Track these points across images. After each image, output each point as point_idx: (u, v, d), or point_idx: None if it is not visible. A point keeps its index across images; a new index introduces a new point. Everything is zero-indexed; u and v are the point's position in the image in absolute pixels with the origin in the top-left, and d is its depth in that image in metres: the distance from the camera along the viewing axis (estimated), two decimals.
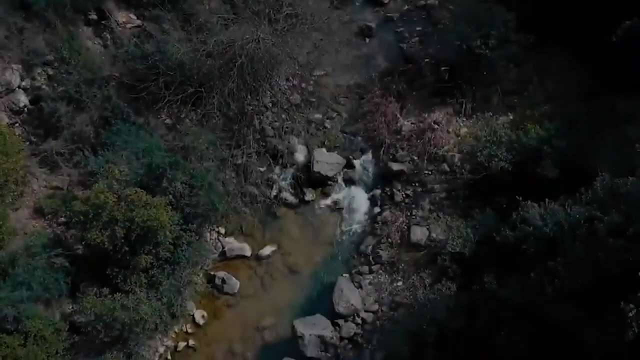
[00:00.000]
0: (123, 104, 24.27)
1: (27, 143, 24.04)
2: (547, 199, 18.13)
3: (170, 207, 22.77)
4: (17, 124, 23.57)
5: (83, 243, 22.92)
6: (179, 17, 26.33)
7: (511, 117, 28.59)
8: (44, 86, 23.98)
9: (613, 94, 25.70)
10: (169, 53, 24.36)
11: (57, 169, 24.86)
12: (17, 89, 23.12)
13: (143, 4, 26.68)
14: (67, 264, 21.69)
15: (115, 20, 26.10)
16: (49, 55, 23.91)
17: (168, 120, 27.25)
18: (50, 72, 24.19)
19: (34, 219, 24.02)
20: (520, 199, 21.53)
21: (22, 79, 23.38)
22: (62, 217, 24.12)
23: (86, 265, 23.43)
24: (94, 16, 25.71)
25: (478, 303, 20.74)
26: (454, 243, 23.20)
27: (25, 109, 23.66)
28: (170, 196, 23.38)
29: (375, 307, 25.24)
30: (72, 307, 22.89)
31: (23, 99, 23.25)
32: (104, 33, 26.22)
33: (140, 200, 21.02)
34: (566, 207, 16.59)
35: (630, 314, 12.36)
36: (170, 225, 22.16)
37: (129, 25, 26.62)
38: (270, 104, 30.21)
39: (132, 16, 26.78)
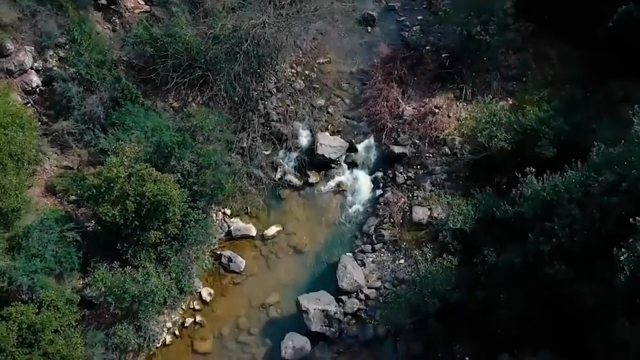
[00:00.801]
0: (132, 85, 24.86)
1: (39, 123, 24.63)
2: (545, 174, 18.69)
3: (179, 185, 23.40)
4: (29, 104, 24.17)
5: (94, 220, 23.58)
6: (186, 1, 26.95)
7: (510, 102, 29.22)
8: (55, 68, 24.64)
9: (610, 78, 26.29)
10: (176, 35, 24.96)
11: (67, 149, 25.49)
12: (29, 69, 23.77)
13: None
14: (78, 238, 22.24)
15: (124, 6, 26.78)
16: (60, 37, 24.56)
17: (175, 104, 27.90)
18: (62, 54, 24.85)
19: (45, 197, 24.63)
20: (520, 175, 22.10)
21: (34, 60, 24.05)
22: (72, 195, 24.74)
23: (96, 241, 24.03)
24: (103, 1, 26.42)
25: (479, 275, 21.33)
26: (455, 220, 23.75)
27: (38, 89, 24.29)
28: (179, 175, 24.00)
29: (378, 284, 25.84)
30: (83, 282, 23.50)
31: (35, 80, 23.89)
32: (113, 18, 26.90)
33: (151, 176, 21.63)
34: (563, 174, 17.20)
35: (622, 258, 12.99)
36: (179, 202, 22.74)
37: (137, 11, 27.32)
38: (275, 90, 30.90)
39: (141, 1, 27.54)
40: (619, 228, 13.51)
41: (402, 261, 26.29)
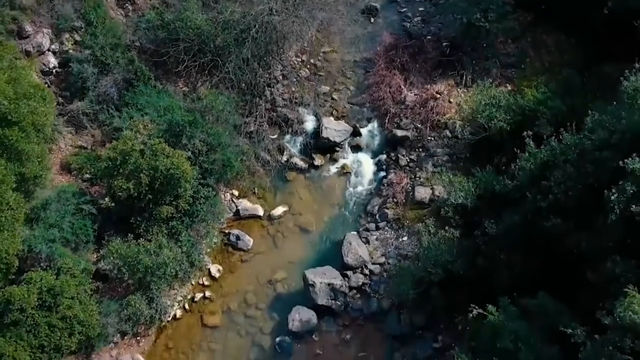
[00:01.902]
0: (145, 67, 25.82)
1: (55, 104, 25.52)
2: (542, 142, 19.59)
3: (189, 162, 24.28)
4: (46, 85, 25.07)
5: (108, 196, 24.46)
6: None
7: (509, 87, 30.12)
8: (71, 51, 25.62)
9: (605, 61, 27.23)
10: (188, 20, 25.97)
11: (81, 129, 26.43)
12: (47, 51, 24.74)
13: None
14: (94, 210, 23.08)
15: None
16: (76, 22, 25.54)
17: (185, 88, 28.85)
18: (77, 37, 25.85)
19: (60, 175, 25.54)
20: (518, 151, 23.01)
21: (51, 43, 25.05)
22: (86, 174, 25.67)
23: (110, 217, 24.97)
24: None
25: (479, 245, 22.19)
26: (456, 195, 24.60)
27: (54, 70, 25.26)
28: (189, 153, 24.89)
29: (382, 260, 26.68)
30: (97, 255, 24.35)
31: (52, 61, 24.88)
32: (126, 4, 27.95)
33: (164, 150, 22.52)
34: (559, 137, 18.12)
35: (612, 198, 13.88)
36: (190, 177, 23.60)
37: None
38: (281, 77, 31.87)
39: None
40: (611, 180, 14.38)
41: (405, 238, 27.14)
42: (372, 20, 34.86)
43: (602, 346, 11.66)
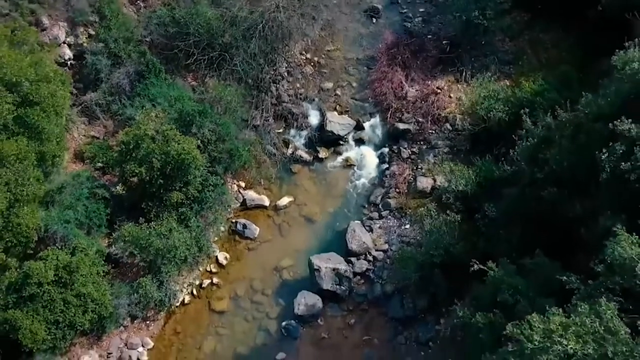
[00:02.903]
0: (156, 60, 26.82)
1: (69, 94, 26.42)
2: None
3: (199, 151, 25.11)
4: None
5: (120, 183, 25.27)
6: None
7: (507, 83, 31.08)
8: (85, 44, 26.61)
9: (601, 56, 28.18)
10: (198, 14, 27.01)
11: (94, 120, 27.35)
12: (62, 44, 25.71)
13: None
14: (107, 194, 23.86)
15: None
16: (90, 16, 26.56)
17: (193, 82, 29.81)
18: (91, 32, 26.85)
19: (74, 164, 26.39)
20: (517, 138, 23.87)
21: (67, 35, 26.06)
22: (99, 162, 26.50)
23: (121, 204, 25.76)
24: None
25: (480, 228, 22.94)
26: (457, 183, 25.41)
27: (69, 62, 26.24)
28: (199, 141, 25.73)
29: (385, 247, 27.42)
30: (109, 240, 25.07)
31: (68, 53, 25.86)
32: (138, 1, 28.99)
33: (175, 136, 23.37)
34: (554, 114, 19.04)
35: (603, 157, 14.75)
36: (200, 163, 24.42)
37: None
38: (286, 73, 32.86)
39: None
40: (603, 147, 15.24)
41: (407, 226, 27.89)
42: (374, 20, 35.94)
43: (594, 289, 12.37)
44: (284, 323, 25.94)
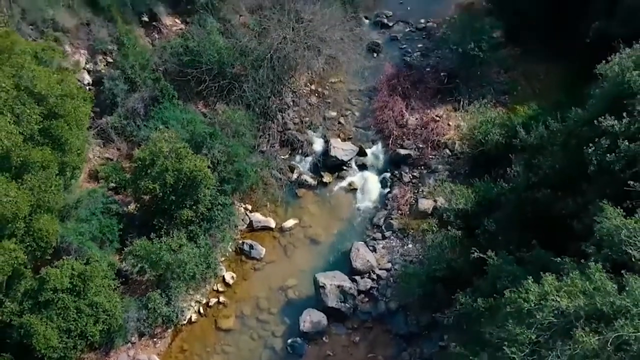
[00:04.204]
0: (170, 86, 28.33)
1: None
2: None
3: (210, 170, 26.18)
4: None
5: (133, 201, 26.20)
6: (218, 20, 31.02)
7: (503, 110, 32.58)
8: (103, 70, 28.17)
9: (589, 80, 29.71)
10: (210, 43, 28.73)
11: (109, 143, 28.58)
12: (82, 69, 27.23)
13: (187, 11, 31.47)
14: (120, 210, 24.74)
15: (164, 23, 30.75)
16: (109, 45, 28.25)
17: (204, 109, 31.25)
18: (109, 59, 28.47)
19: (88, 183, 27.40)
20: (513, 157, 25.06)
21: (87, 62, 27.62)
22: (112, 182, 27.53)
23: (133, 222, 26.62)
24: (146, 18, 30.48)
25: (480, 242, 23.69)
26: (457, 201, 26.35)
27: (88, 87, 27.67)
28: (209, 162, 26.84)
29: (389, 265, 28.07)
30: (120, 257, 25.73)
31: (87, 78, 27.35)
32: (153, 33, 30.86)
33: (188, 154, 24.51)
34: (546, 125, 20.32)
35: (590, 151, 15.85)
36: (211, 182, 25.43)
37: (174, 28, 31.34)
38: (292, 103, 34.40)
39: (177, 20, 31.62)
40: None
41: (410, 246, 28.65)
42: (375, 55, 37.82)
43: (586, 267, 13.12)
44: (289, 340, 26.27)
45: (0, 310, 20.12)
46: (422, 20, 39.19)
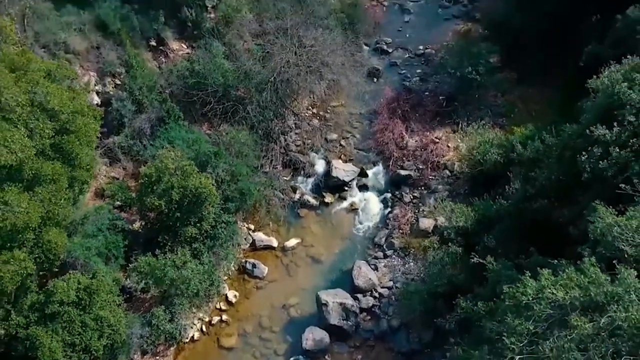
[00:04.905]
0: (176, 107, 29.12)
1: None
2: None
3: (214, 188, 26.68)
4: None
5: (138, 218, 26.62)
6: (223, 45, 32.06)
7: (501, 132, 33.30)
8: (111, 92, 28.98)
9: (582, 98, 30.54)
10: (216, 65, 29.66)
11: (115, 162, 29.19)
12: (91, 91, 28.03)
13: (193, 36, 32.55)
14: (126, 227, 25.14)
15: (170, 47, 31.78)
16: (118, 68, 29.15)
17: (208, 131, 31.96)
18: (118, 82, 29.32)
19: (94, 201, 27.86)
20: (511, 173, 25.63)
21: (96, 84, 28.45)
22: (118, 201, 28.01)
23: (138, 239, 26.98)
24: (153, 43, 31.51)
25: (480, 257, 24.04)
26: (458, 219, 26.78)
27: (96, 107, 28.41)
28: (213, 180, 27.36)
29: (390, 284, 28.32)
30: (125, 274, 25.99)
31: (96, 99, 28.11)
32: (160, 57, 31.83)
33: (193, 172, 25.06)
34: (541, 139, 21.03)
35: (584, 159, 16.41)
36: (215, 199, 25.90)
37: (180, 52, 32.33)
38: (294, 126, 35.15)
39: (184, 45, 32.66)
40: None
41: (411, 264, 28.94)
42: (376, 80, 38.75)
43: (581, 264, 13.54)
44: (291, 359, 26.30)
45: (6, 323, 20.31)
46: (421, 47, 40.29)
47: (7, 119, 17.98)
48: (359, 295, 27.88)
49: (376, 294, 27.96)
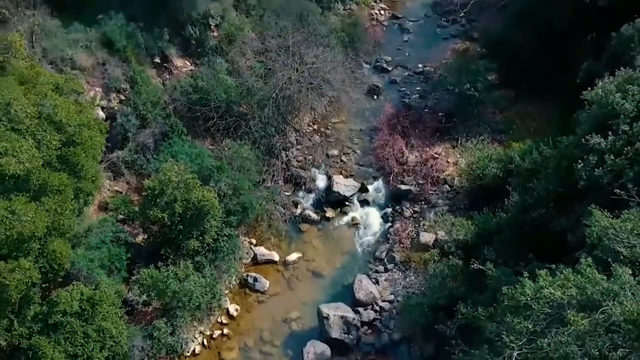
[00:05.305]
0: (179, 122, 29.60)
1: None
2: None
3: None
4: None
5: (141, 230, 26.84)
6: (226, 62, 32.71)
7: (500, 148, 33.71)
8: (116, 107, 29.50)
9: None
10: (219, 81, 30.22)
11: (118, 176, 29.52)
12: (97, 106, 28.52)
13: (196, 54, 33.22)
14: (130, 239, 25.36)
15: (174, 64, 32.40)
16: (123, 84, 29.70)
17: (211, 146, 32.37)
18: (122, 97, 29.84)
19: (97, 214, 28.11)
20: (510, 189, 25.94)
21: (101, 99, 28.95)
22: (121, 214, 28.25)
23: (140, 252, 27.17)
24: (158, 60, 32.15)
25: (482, 271, 24.20)
26: (458, 233, 27.00)
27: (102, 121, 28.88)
28: (216, 194, 27.68)
29: (391, 297, 28.40)
30: (127, 287, 26.11)
31: (101, 114, 28.57)
32: (164, 74, 32.44)
33: (196, 185, 25.38)
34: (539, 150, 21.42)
35: (579, 167, 16.76)
36: (217, 212, 26.17)
37: (184, 69, 32.95)
38: (295, 142, 35.61)
39: (187, 62, 33.31)
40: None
41: (412, 278, 29.06)
42: (376, 97, 39.35)
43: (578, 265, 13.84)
44: None
45: (9, 334, 20.40)
46: (420, 65, 41.01)
47: (16, 130, 18.39)
48: (360, 309, 27.94)
49: (377, 308, 28.03)
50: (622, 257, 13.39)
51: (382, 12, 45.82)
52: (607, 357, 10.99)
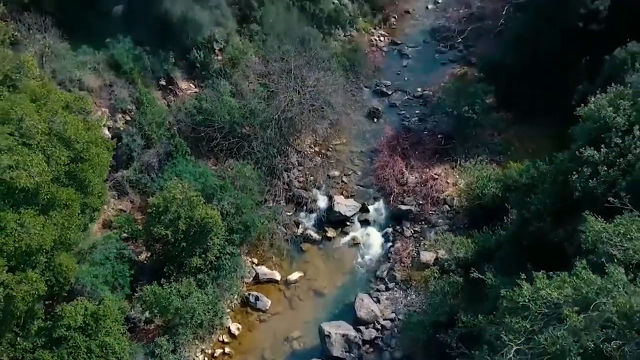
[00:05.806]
0: (184, 142, 30.19)
1: None
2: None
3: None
4: None
5: (145, 248, 27.14)
6: (230, 84, 33.52)
7: (498, 170, 34.22)
8: (122, 127, 30.11)
9: None
10: (223, 103, 30.95)
11: (123, 195, 29.93)
12: (103, 126, 29.14)
13: (201, 76, 34.06)
14: (133, 256, 25.63)
15: (179, 87, 33.18)
16: (129, 105, 30.40)
17: (214, 167, 32.90)
18: (128, 118, 30.49)
19: (101, 232, 28.42)
20: (509, 207, 26.36)
21: (107, 119, 29.58)
22: (124, 233, 28.58)
23: (143, 270, 27.41)
24: (163, 82, 32.94)
25: (481, 289, 24.43)
26: (458, 251, 27.31)
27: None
28: (219, 213, 28.06)
29: (393, 316, 28.52)
30: (130, 304, 26.23)
31: (107, 134, 29.10)
32: (169, 96, 33.18)
33: (200, 202, 25.80)
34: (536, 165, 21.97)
35: (574, 178, 17.21)
36: (220, 230, 26.52)
37: (188, 91, 33.71)
38: (296, 163, 36.15)
39: (192, 85, 34.09)
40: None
41: (413, 296, 29.21)
42: (376, 120, 40.02)
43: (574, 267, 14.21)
44: None
45: (13, 348, 20.51)
46: (419, 89, 41.85)
47: (27, 145, 18.92)
48: (362, 328, 28.02)
49: (379, 326, 28.12)
50: (615, 260, 13.76)
51: (382, 38, 46.90)
52: (601, 350, 11.30)
